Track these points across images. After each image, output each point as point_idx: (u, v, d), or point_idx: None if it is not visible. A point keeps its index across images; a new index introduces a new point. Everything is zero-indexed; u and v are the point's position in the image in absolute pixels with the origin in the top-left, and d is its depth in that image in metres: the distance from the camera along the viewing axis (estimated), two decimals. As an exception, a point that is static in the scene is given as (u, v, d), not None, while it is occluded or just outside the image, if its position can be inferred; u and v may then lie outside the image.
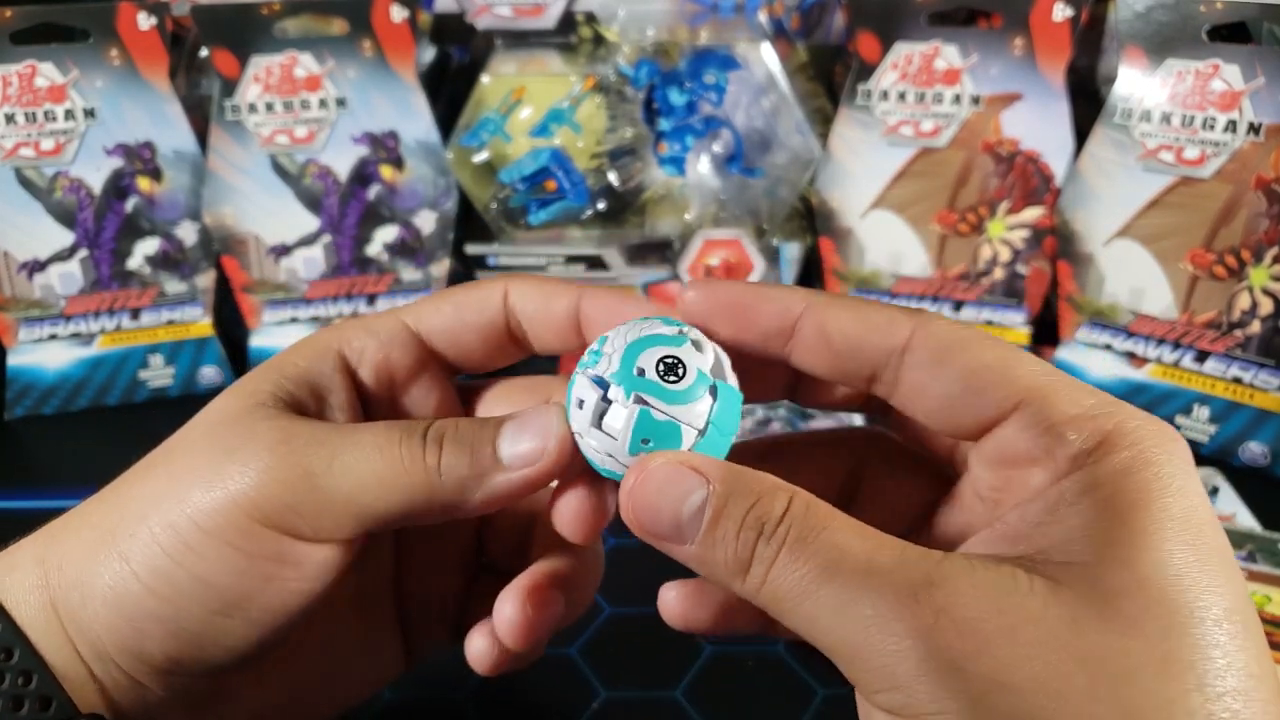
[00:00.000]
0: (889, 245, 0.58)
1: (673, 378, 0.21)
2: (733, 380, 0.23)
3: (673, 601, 0.26)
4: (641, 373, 0.21)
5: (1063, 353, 0.55)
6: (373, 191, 0.58)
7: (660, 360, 0.21)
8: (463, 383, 0.30)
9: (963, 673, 0.18)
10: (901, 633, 0.18)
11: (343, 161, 0.57)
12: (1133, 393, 0.53)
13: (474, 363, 0.27)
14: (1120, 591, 0.18)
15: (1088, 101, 0.54)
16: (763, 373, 0.25)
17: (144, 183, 0.56)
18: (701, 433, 0.21)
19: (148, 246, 0.57)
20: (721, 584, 0.21)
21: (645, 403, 0.21)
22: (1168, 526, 0.19)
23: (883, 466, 0.27)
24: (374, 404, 0.27)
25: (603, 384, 0.22)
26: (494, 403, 0.29)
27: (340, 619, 0.28)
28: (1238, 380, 0.50)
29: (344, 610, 0.28)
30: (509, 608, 0.26)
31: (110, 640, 0.23)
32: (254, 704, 0.27)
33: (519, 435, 0.23)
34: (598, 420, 0.22)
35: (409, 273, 0.59)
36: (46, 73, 0.53)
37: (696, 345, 0.22)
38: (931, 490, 0.26)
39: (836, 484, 0.27)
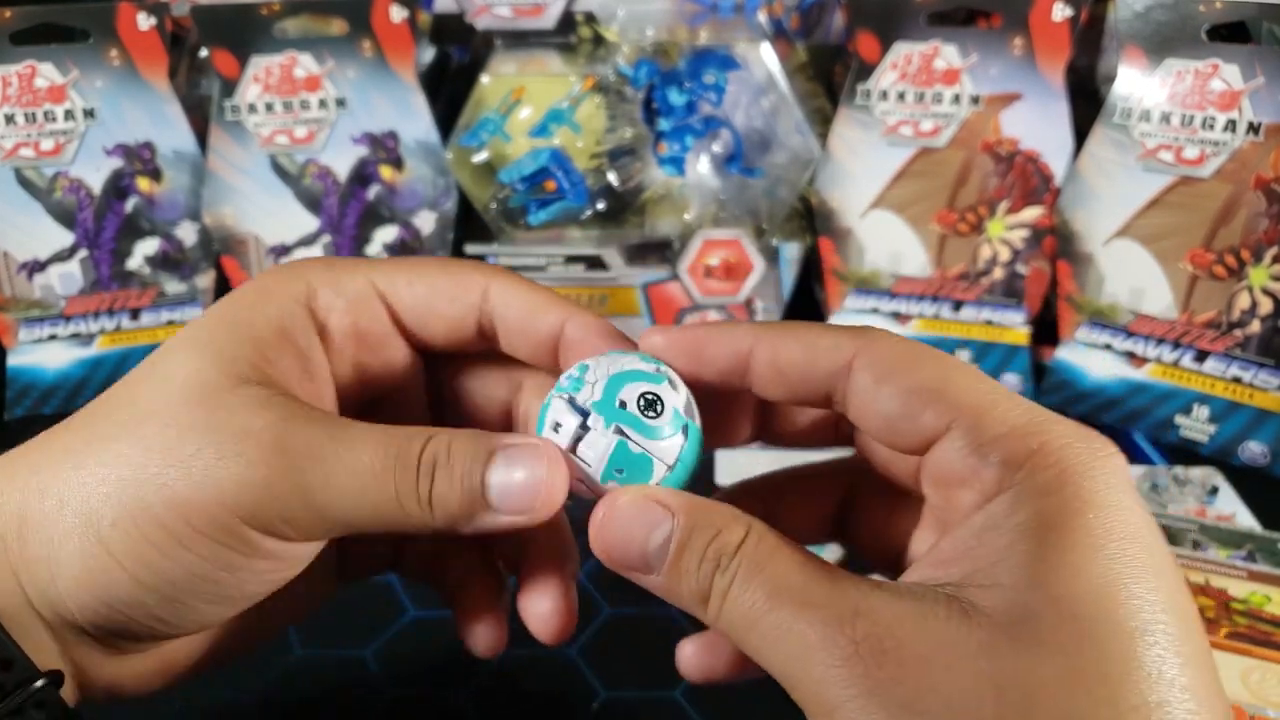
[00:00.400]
0: (888, 245, 0.58)
1: (652, 413, 0.22)
2: (698, 420, 0.23)
3: (690, 657, 0.27)
4: (623, 405, 0.22)
5: (1062, 352, 0.55)
6: (372, 192, 0.58)
7: (642, 395, 0.22)
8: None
9: (881, 699, 0.19)
10: (829, 661, 0.19)
11: (342, 162, 0.57)
12: (1132, 392, 0.53)
13: (435, 345, 0.27)
14: (1032, 613, 0.19)
15: (1087, 101, 0.54)
16: (729, 413, 0.26)
17: (144, 183, 0.56)
18: (670, 468, 0.22)
19: (147, 247, 0.57)
20: (689, 611, 0.22)
21: (624, 434, 0.22)
22: (1085, 543, 0.19)
23: (872, 495, 0.27)
24: (337, 361, 0.26)
25: (583, 411, 0.22)
26: (465, 377, 0.28)
27: None
28: (1237, 380, 0.50)
29: None
30: (547, 604, 0.26)
31: (82, 616, 0.23)
32: (201, 649, 0.27)
33: (511, 469, 0.22)
34: (573, 445, 0.22)
35: (409, 273, 0.59)
36: (46, 73, 0.53)
37: (672, 384, 0.23)
38: (917, 516, 0.26)
39: (829, 514, 0.28)
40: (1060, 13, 0.52)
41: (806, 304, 0.64)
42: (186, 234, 0.57)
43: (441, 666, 0.39)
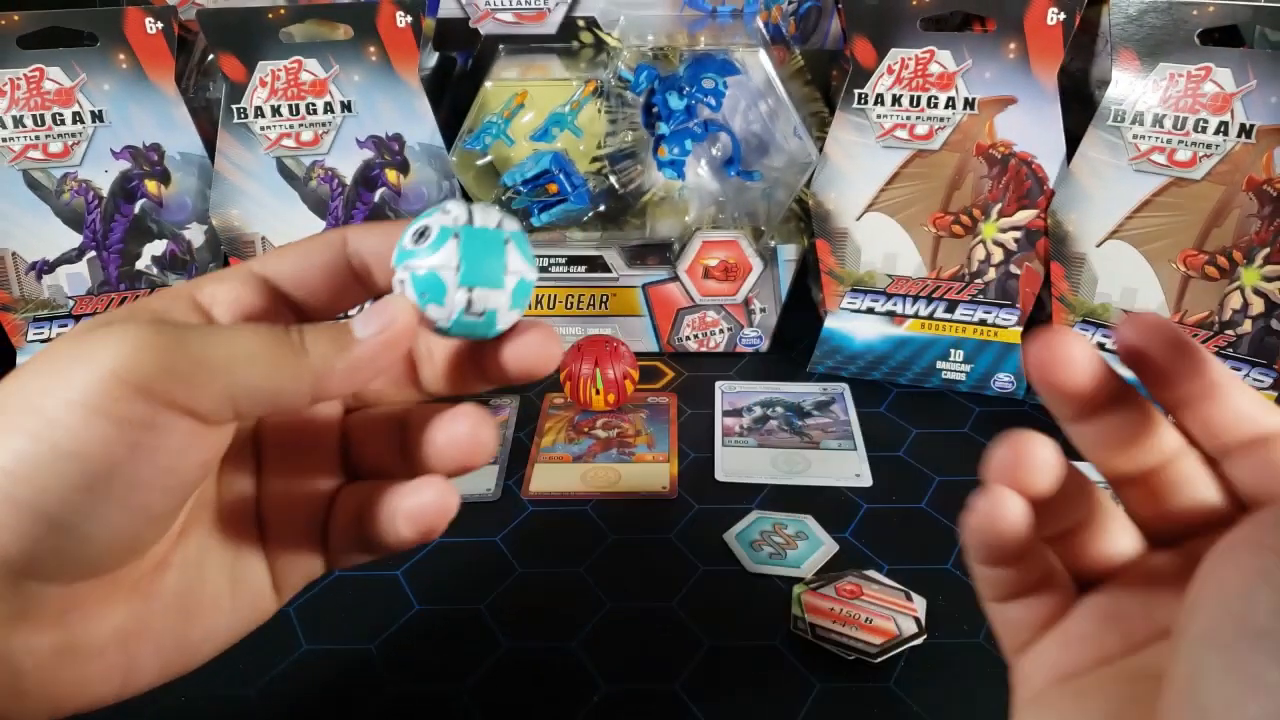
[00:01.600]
0: (884, 246, 0.58)
1: (422, 239, 0.25)
2: (505, 225, 0.26)
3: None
4: (403, 247, 0.25)
5: (1057, 352, 0.56)
6: (378, 194, 0.58)
7: (414, 231, 0.25)
8: None
9: None
10: None
11: (348, 164, 0.58)
12: (1126, 392, 0.53)
13: (321, 304, 0.28)
14: None
15: (1081, 105, 0.55)
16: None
17: (152, 185, 0.57)
18: (458, 269, 0.25)
19: (155, 248, 0.57)
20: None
21: (410, 268, 0.25)
22: None
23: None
24: None
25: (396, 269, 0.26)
26: None
27: (200, 536, 0.27)
28: (1229, 379, 0.51)
29: (203, 528, 0.27)
30: (462, 425, 0.27)
31: None
32: (110, 626, 0.25)
33: (369, 318, 0.25)
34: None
35: (412, 274, 0.60)
36: (54, 76, 0.54)
37: (444, 211, 0.25)
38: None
39: None
40: (1054, 17, 0.52)
41: (803, 304, 0.64)
42: (194, 236, 0.58)
43: (445, 660, 0.39)
